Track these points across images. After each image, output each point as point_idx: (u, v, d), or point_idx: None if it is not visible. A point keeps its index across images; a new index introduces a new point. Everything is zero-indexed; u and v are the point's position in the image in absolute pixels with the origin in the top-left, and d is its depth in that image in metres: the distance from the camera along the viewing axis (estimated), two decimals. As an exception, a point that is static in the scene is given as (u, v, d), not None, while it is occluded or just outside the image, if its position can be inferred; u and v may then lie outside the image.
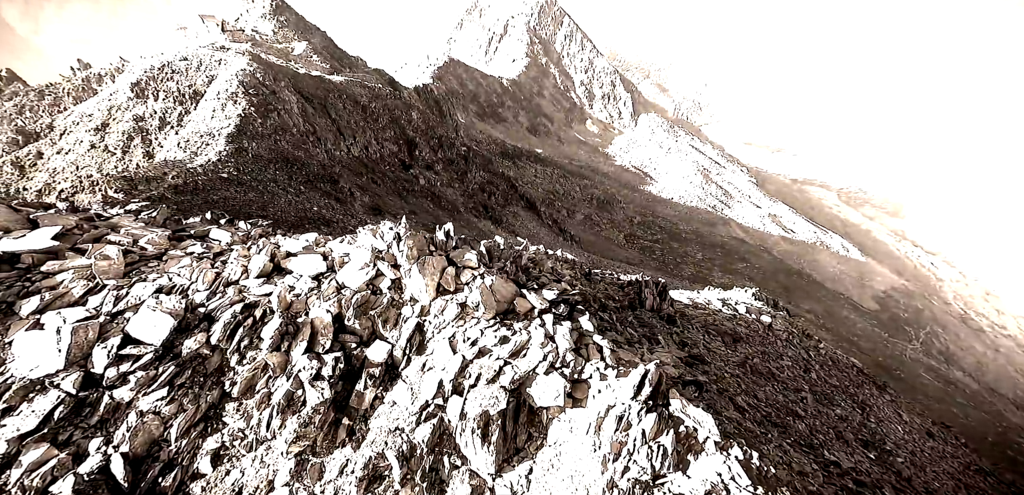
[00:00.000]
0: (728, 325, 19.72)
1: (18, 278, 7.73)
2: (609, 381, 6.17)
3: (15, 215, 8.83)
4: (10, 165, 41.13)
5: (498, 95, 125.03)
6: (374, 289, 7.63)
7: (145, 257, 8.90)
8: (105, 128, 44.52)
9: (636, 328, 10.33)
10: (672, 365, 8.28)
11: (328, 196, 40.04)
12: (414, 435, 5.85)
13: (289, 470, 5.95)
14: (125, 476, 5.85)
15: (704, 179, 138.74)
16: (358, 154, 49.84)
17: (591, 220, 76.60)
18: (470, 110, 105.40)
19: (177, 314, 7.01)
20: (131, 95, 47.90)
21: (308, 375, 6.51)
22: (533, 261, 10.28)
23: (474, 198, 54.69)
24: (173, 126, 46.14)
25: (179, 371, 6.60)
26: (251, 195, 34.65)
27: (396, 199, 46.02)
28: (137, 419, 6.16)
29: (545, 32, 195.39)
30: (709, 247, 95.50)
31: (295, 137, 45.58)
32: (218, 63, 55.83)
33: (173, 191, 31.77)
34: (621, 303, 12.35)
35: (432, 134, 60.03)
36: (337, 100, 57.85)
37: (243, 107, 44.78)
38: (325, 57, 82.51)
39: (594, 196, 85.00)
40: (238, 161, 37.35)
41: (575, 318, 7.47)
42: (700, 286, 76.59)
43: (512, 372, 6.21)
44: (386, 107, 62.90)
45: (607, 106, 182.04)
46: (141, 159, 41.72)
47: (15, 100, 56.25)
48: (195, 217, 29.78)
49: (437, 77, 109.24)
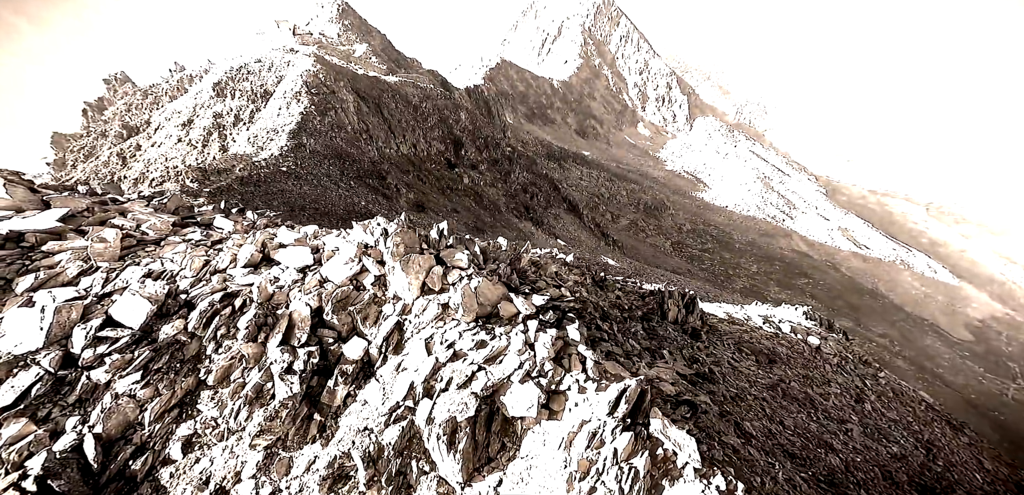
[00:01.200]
0: (766, 344, 18.52)
1: (20, 256, 7.96)
2: (588, 394, 5.93)
3: (32, 196, 9.28)
4: (116, 156, 47.16)
5: (547, 96, 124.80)
6: (357, 285, 7.72)
7: (144, 242, 9.03)
8: (190, 124, 49.82)
9: (641, 340, 10.01)
10: (670, 382, 7.95)
11: (375, 192, 42.15)
12: (383, 437, 5.77)
13: (256, 463, 5.94)
14: (96, 457, 5.93)
15: (764, 187, 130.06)
16: (406, 152, 51.94)
17: (636, 226, 74.42)
18: (519, 111, 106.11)
19: (156, 299, 7.10)
20: (212, 94, 53.17)
21: (279, 368, 6.50)
22: (536, 264, 10.16)
23: (516, 199, 55.08)
24: (245, 122, 50.66)
25: (155, 356, 6.68)
26: (306, 188, 37.29)
27: (440, 197, 47.47)
28: (112, 401, 6.26)
29: (600, 33, 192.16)
30: (766, 260, 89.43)
31: (349, 134, 48.37)
32: (286, 64, 60.28)
33: (239, 182, 34.94)
34: (630, 313, 12.00)
35: (478, 134, 61.22)
36: (390, 100, 60.61)
37: (305, 105, 48.20)
38: (383, 58, 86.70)
39: (641, 201, 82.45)
40: (297, 156, 40.35)
41: (563, 326, 7.17)
42: (752, 300, 72.00)
43: (486, 378, 6.09)
44: (436, 107, 64.99)
45: (661, 109, 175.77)
46: (217, 152, 46.24)
47: (125, 99, 64.34)
48: (254, 208, 32.29)
49: (488, 78, 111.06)
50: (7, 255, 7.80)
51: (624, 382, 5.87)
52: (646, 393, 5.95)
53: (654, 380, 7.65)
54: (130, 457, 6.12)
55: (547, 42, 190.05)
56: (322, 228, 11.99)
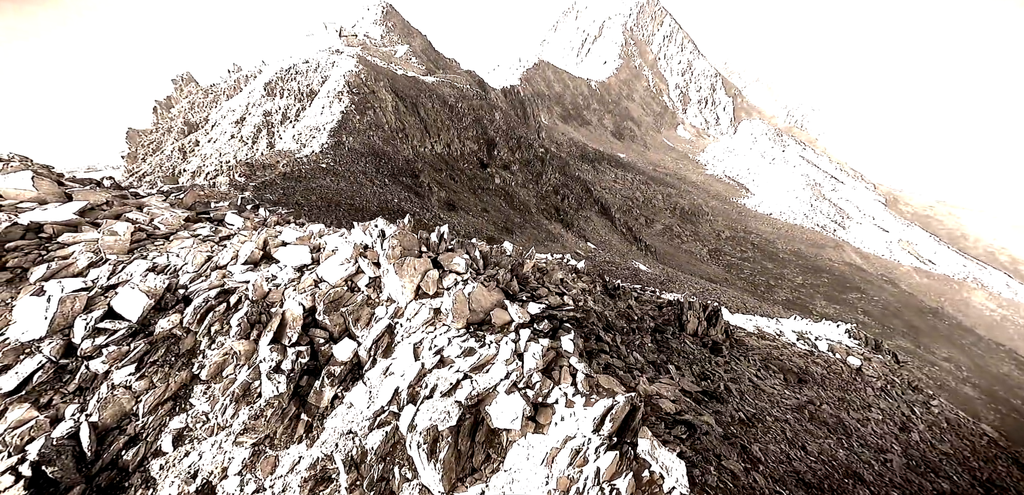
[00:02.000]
0: (797, 362, 17.52)
1: (37, 247, 8.19)
2: (575, 409, 5.72)
3: (56, 189, 9.49)
4: (177, 151, 51.11)
5: (584, 97, 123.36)
6: (351, 286, 7.72)
7: (154, 236, 9.16)
8: (242, 122, 53.20)
9: (648, 353, 9.71)
10: (671, 399, 7.66)
11: (408, 190, 43.31)
12: (366, 441, 5.68)
13: (243, 460, 5.97)
14: (90, 445, 6.01)
15: (814, 194, 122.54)
16: (440, 151, 52.98)
17: (671, 231, 72.15)
18: (554, 112, 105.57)
19: (154, 294, 7.19)
20: (263, 94, 56.48)
21: (267, 367, 6.51)
22: (541, 271, 9.99)
23: (547, 200, 54.89)
24: (292, 120, 53.49)
25: (151, 349, 6.78)
26: (342, 184, 38.89)
27: (471, 196, 48.10)
28: (108, 391, 6.37)
29: (642, 33, 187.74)
30: (813, 271, 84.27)
31: (386, 133, 49.95)
32: (331, 65, 62.93)
33: (282, 177, 36.94)
34: (640, 324, 11.66)
35: (512, 135, 61.50)
36: (427, 100, 62.05)
37: (345, 105, 50.23)
38: (422, 59, 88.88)
39: (677, 206, 79.81)
40: (336, 153, 42.16)
41: (557, 336, 6.99)
42: (795, 313, 68.04)
43: (471, 387, 5.95)
44: (471, 107, 65.88)
45: (703, 111, 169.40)
46: (265, 148, 49.10)
47: (189, 97, 69.53)
48: (291, 204, 33.67)
49: (525, 79, 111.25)
50: (26, 245, 8.11)
51: (612, 398, 5.73)
52: (637, 410, 5.76)
53: (654, 396, 7.41)
54: (123, 447, 6.26)
55: (587, 42, 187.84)
56: (332, 227, 12.27)
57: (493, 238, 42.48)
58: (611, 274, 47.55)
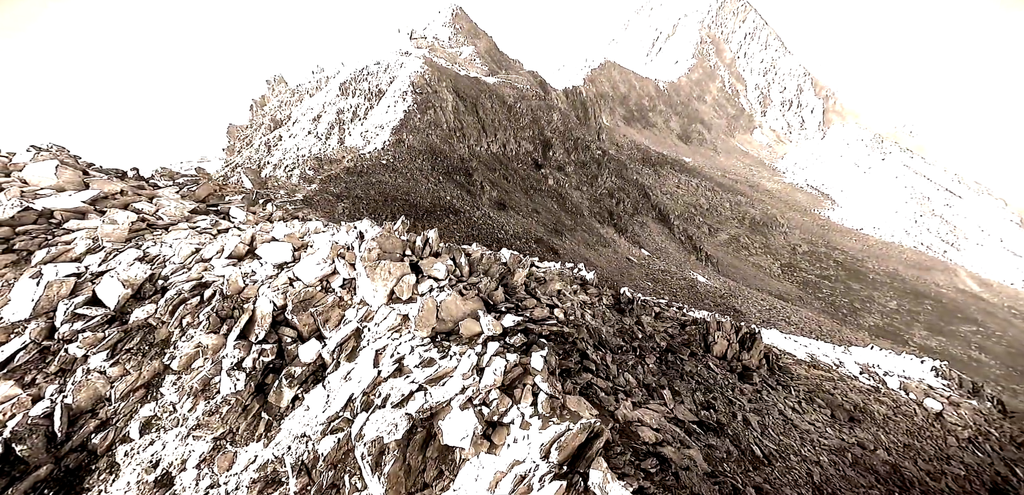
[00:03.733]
0: (853, 398, 15.61)
1: (45, 232, 8.37)
2: (530, 432, 5.40)
3: (77, 178, 9.77)
4: (263, 146, 57.14)
5: (650, 99, 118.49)
6: (325, 286, 7.57)
7: (155, 226, 9.25)
8: (318, 119, 58.15)
9: (648, 374, 9.17)
10: (653, 427, 7.17)
11: (461, 188, 44.65)
12: (319, 446, 5.52)
13: (202, 454, 5.91)
14: (61, 427, 6.03)
15: (919, 209, 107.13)
16: (496, 151, 53.91)
17: (738, 242, 67.00)
18: (617, 113, 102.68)
19: (131, 283, 7.22)
20: (338, 93, 61.24)
21: (229, 363, 6.43)
22: (538, 280, 9.72)
23: (601, 203, 53.65)
24: (361, 118, 57.46)
25: (125, 337, 6.77)
26: (399, 180, 41.07)
27: (522, 196, 48.45)
28: (83, 375, 6.41)
29: (721, 30, 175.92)
30: (914, 296, 73.89)
31: (444, 132, 51.87)
32: (399, 66, 66.50)
33: (345, 172, 39.84)
34: (646, 342, 11.03)
35: (569, 136, 60.90)
36: (486, 100, 63.40)
37: (409, 104, 52.93)
38: (486, 60, 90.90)
39: (747, 215, 73.86)
40: (396, 151, 44.62)
41: (530, 352, 6.59)
42: (887, 343, 60.09)
43: (424, 400, 5.72)
44: (529, 107, 66.22)
45: (785, 114, 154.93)
46: (335, 144, 53.29)
47: (278, 96, 77.40)
48: (352, 198, 35.89)
49: (589, 79, 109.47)
50: (35, 230, 8.41)
51: (567, 423, 5.48)
52: (597, 438, 5.37)
53: (634, 423, 7.00)
54: (93, 431, 6.28)
55: (659, 41, 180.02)
56: (334, 223, 12.49)
57: (541, 239, 42.47)
58: (664, 285, 45.44)
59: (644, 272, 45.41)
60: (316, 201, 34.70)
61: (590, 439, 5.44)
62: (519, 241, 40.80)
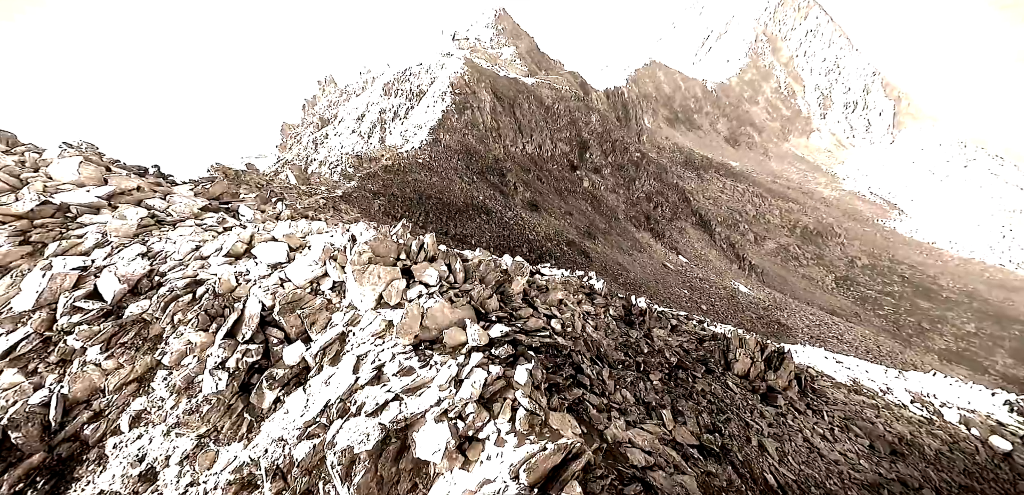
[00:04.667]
0: (899, 428, 14.22)
1: (61, 225, 8.58)
2: (505, 449, 5.17)
3: (98, 174, 10.01)
4: (311, 143, 60.29)
5: (696, 100, 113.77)
6: (315, 289, 7.50)
7: (164, 222, 9.37)
8: (362, 118, 60.62)
9: (647, 392, 8.72)
10: (644, 450, 6.77)
11: (494, 188, 44.96)
12: (295, 451, 5.43)
13: (184, 451, 5.89)
14: (56, 416, 6.13)
15: (1008, 223, 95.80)
16: (531, 152, 53.86)
17: (787, 252, 62.85)
18: (660, 115, 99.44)
19: (128, 279, 7.32)
20: (381, 93, 63.53)
21: (213, 362, 6.41)
22: (539, 289, 9.41)
23: (638, 206, 52.19)
24: (401, 118, 59.31)
25: (120, 331, 6.84)
26: (434, 179, 41.97)
27: (556, 198, 48.08)
28: (79, 367, 6.51)
29: (779, 27, 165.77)
30: (996, 319, 66.27)
31: (480, 132, 52.45)
32: (440, 67, 67.97)
33: (383, 170, 41.21)
34: (652, 358, 10.49)
35: (607, 137, 59.76)
36: (524, 100, 63.46)
37: (447, 104, 53.98)
38: (527, 61, 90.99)
39: (798, 223, 69.05)
40: (432, 150, 45.65)
41: (516, 364, 6.33)
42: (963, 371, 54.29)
43: (399, 410, 5.53)
44: (567, 108, 65.61)
45: (849, 116, 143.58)
46: (376, 143, 55.32)
47: (328, 96, 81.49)
48: (388, 195, 36.76)
49: (632, 80, 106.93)
50: (52, 223, 8.59)
51: (544, 442, 5.23)
52: (575, 459, 5.03)
53: (623, 444, 6.68)
54: (86, 422, 6.34)
55: (709, 39, 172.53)
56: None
57: (572, 242, 41.97)
58: (702, 293, 43.56)
59: (681, 279, 43.71)
60: (354, 197, 36.16)
61: (567, 460, 5.08)
62: (550, 243, 40.52)
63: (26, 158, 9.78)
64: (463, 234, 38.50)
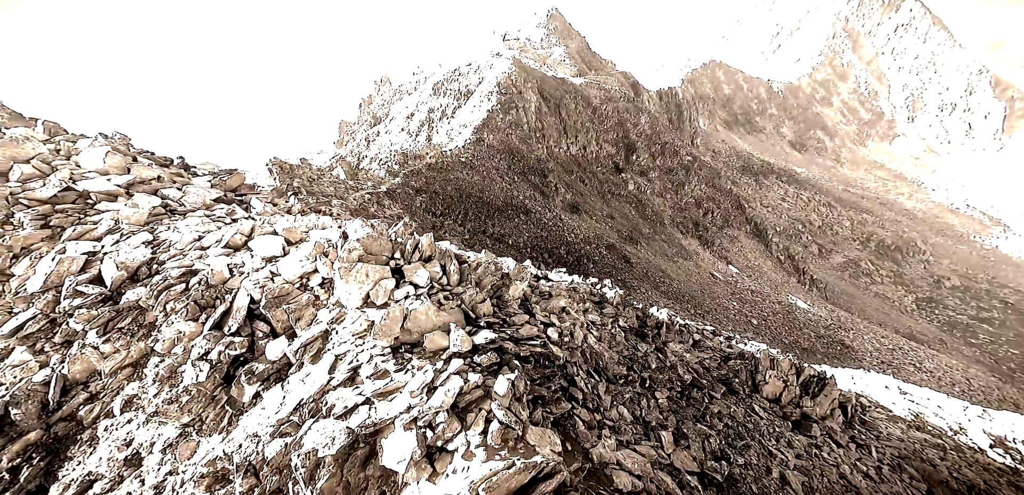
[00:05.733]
0: (968, 475, 12.31)
1: (80, 211, 8.86)
2: (472, 464, 4.93)
3: (122, 163, 10.38)
4: (364, 140, 63.40)
5: (759, 101, 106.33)
6: (303, 284, 7.43)
7: (174, 212, 9.60)
8: (412, 117, 62.77)
9: (648, 410, 8.03)
10: (634, 474, 6.16)
11: (535, 188, 44.72)
12: (266, 448, 5.36)
13: (167, 440, 5.93)
14: (54, 395, 6.28)
15: None
16: (575, 153, 53.03)
17: (857, 267, 56.91)
18: (717, 117, 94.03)
19: (128, 266, 7.47)
20: (431, 93, 65.42)
21: (197, 352, 6.42)
22: (542, 294, 8.91)
23: (686, 212, 49.66)
24: (448, 118, 60.72)
25: (117, 316, 6.96)
26: (475, 178, 42.49)
27: (598, 200, 46.98)
28: (79, 349, 6.61)
29: (862, 22, 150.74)
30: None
31: (524, 132, 52.42)
32: (489, 68, 68.80)
33: (427, 167, 42.34)
34: (662, 373, 9.69)
35: (656, 139, 57.49)
36: (571, 101, 62.64)
37: (493, 104, 54.51)
38: (577, 61, 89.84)
39: (873, 237, 62.21)
40: (475, 149, 46.27)
41: (498, 373, 6.08)
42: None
43: (368, 414, 5.37)
44: (616, 109, 63.93)
45: (944, 119, 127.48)
46: (423, 141, 57.03)
47: (382, 95, 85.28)
48: (429, 192, 37.55)
49: (689, 80, 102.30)
50: (72, 209, 8.86)
51: (509, 460, 4.96)
52: (543, 480, 4.77)
53: (610, 465, 6.24)
54: (82, 403, 6.45)
55: (779, 36, 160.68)
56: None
57: (612, 246, 40.77)
58: (753, 307, 40.67)
59: (729, 291, 41.04)
60: (398, 193, 37.49)
61: (536, 480, 4.76)
62: (589, 246, 39.63)
63: (61, 146, 10.40)
64: (501, 233, 38.67)
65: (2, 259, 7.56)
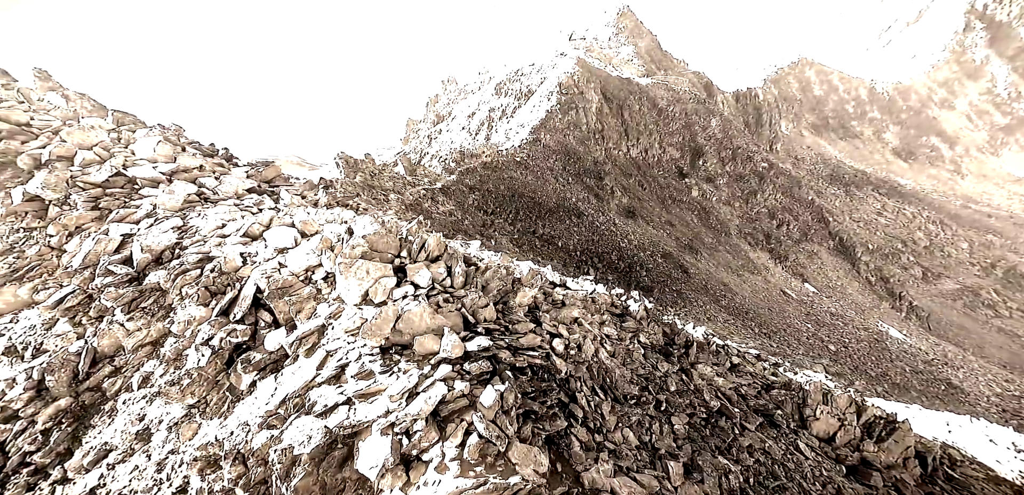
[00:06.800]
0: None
1: (126, 195, 9.42)
2: (444, 478, 4.81)
3: (171, 152, 10.94)
4: (426, 138, 66.03)
5: (857, 103, 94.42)
6: (307, 277, 7.42)
7: (208, 200, 9.97)
8: (472, 116, 64.18)
9: (660, 436, 7.10)
10: None
11: (589, 191, 43.51)
12: (254, 439, 5.37)
13: (173, 419, 6.07)
14: (83, 366, 6.60)
15: None
16: (635, 156, 50.92)
17: (976, 296, 48.14)
18: (803, 120, 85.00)
19: (152, 250, 7.77)
20: (493, 92, 66.43)
21: (201, 338, 6.51)
22: (554, 303, 8.23)
23: (756, 223, 45.45)
24: (508, 117, 61.22)
25: (140, 296, 7.25)
26: (529, 178, 42.32)
27: (656, 205, 44.65)
28: (107, 324, 6.97)
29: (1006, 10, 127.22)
30: None
31: (582, 133, 51.30)
32: (551, 67, 68.32)
33: (482, 166, 42.99)
34: (673, 397, 8.61)
35: (727, 144, 53.45)
36: (635, 102, 60.21)
37: (552, 104, 54.06)
38: (645, 60, 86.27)
39: (1000, 262, 52.19)
40: (531, 149, 46.10)
41: (487, 383, 5.86)
42: None
43: (347, 415, 5.23)
44: (684, 111, 60.42)
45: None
46: (482, 140, 58.02)
47: (448, 94, 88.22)
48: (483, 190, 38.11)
49: (772, 80, 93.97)
50: (120, 193, 9.44)
51: (481, 479, 4.61)
52: None
53: (602, 491, 5.61)
54: (107, 376, 6.77)
55: (891, 30, 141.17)
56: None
57: (669, 254, 38.45)
58: (832, 331, 36.23)
59: (803, 311, 36.89)
60: (452, 190, 38.45)
61: None
62: (643, 252, 37.73)
63: (122, 135, 11.27)
64: (551, 235, 38.15)
65: (58, 237, 8.32)
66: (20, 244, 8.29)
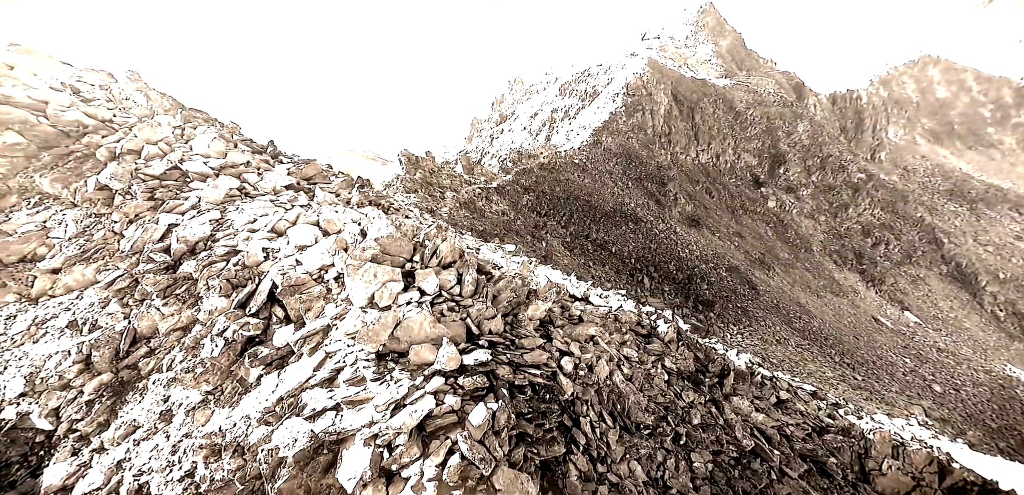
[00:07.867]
0: None
1: (178, 188, 9.96)
2: None
3: (224, 147, 11.47)
4: (487, 137, 67.03)
5: (996, 106, 79.44)
6: (319, 276, 7.52)
7: (248, 195, 10.40)
8: (535, 117, 64.01)
9: (675, 475, 6.14)
10: None
11: (650, 196, 41.24)
12: (252, 434, 5.44)
13: (191, 404, 6.28)
14: (124, 345, 7.02)
15: None
16: (705, 161, 47.47)
17: None
18: (918, 127, 73.36)
19: (187, 241, 8.23)
20: (557, 93, 65.77)
21: (217, 329, 6.72)
22: (570, 318, 7.49)
23: (845, 240, 40.00)
24: (570, 118, 60.17)
25: (174, 284, 7.68)
26: (586, 181, 41.16)
27: (724, 215, 41.20)
28: (146, 308, 7.43)
29: None
30: None
31: (647, 137, 48.87)
32: (620, 68, 66.10)
33: (539, 167, 42.64)
34: (694, 429, 7.39)
35: (815, 151, 47.91)
36: (708, 104, 56.20)
37: (616, 106, 52.20)
38: (726, 60, 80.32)
39: None
40: (591, 151, 44.80)
41: (482, 399, 5.62)
42: None
43: (334, 421, 5.19)
44: (765, 114, 55.20)
45: None
46: (542, 141, 57.59)
47: (513, 94, 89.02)
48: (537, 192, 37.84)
49: (881, 80, 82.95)
50: (173, 185, 9.97)
51: None
52: None
53: None
54: (143, 356, 7.17)
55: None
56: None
57: (735, 268, 35.21)
58: (938, 369, 30.93)
59: (900, 343, 31.82)
60: (507, 190, 38.61)
61: None
62: (705, 264, 34.97)
63: (185, 131, 12.10)
64: (605, 240, 36.84)
65: (120, 223, 9.30)
66: (91, 228, 9.37)
